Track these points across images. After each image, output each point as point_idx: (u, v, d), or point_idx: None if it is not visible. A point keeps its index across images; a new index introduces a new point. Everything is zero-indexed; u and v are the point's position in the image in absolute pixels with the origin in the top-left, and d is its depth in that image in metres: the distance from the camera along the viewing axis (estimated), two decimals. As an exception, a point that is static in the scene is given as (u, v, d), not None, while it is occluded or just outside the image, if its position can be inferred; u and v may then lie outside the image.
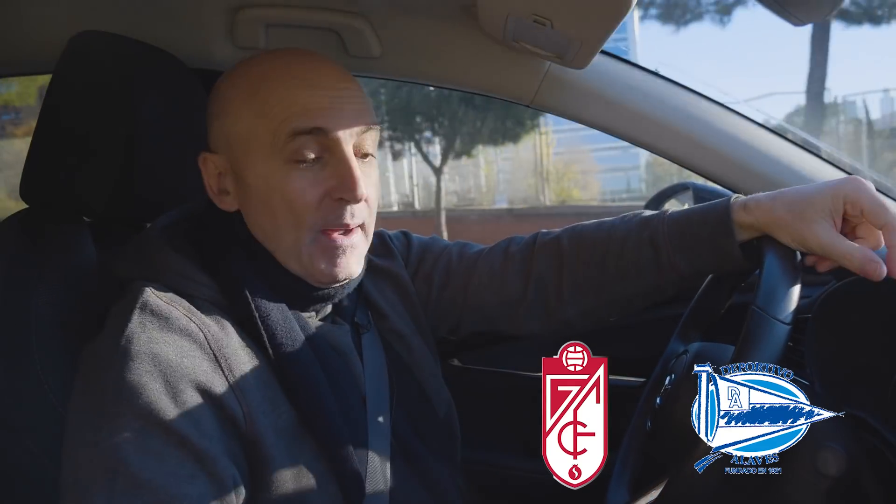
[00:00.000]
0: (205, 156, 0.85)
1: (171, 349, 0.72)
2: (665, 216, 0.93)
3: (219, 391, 0.73)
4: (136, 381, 0.68)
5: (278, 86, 0.80)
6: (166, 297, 0.76)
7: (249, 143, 0.81)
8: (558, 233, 1.03)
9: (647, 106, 1.20)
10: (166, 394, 0.69)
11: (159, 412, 0.68)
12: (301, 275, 0.84)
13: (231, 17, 1.17)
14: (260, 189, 0.81)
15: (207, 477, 0.69)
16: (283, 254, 0.83)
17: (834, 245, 0.79)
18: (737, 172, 1.18)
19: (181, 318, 0.74)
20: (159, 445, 0.67)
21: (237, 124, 0.81)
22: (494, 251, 1.06)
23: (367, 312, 0.99)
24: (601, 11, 0.88)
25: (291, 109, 0.78)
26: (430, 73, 1.32)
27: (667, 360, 1.07)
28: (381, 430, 0.89)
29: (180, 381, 0.70)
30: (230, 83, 0.84)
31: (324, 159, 0.81)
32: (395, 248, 1.07)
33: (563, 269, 0.99)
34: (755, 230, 0.86)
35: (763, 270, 0.80)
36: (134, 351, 0.70)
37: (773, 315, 0.74)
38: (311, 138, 0.79)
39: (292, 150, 0.79)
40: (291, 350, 0.80)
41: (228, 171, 0.84)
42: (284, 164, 0.79)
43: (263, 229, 0.83)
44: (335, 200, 0.81)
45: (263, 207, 0.82)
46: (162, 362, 0.70)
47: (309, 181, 0.80)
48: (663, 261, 0.91)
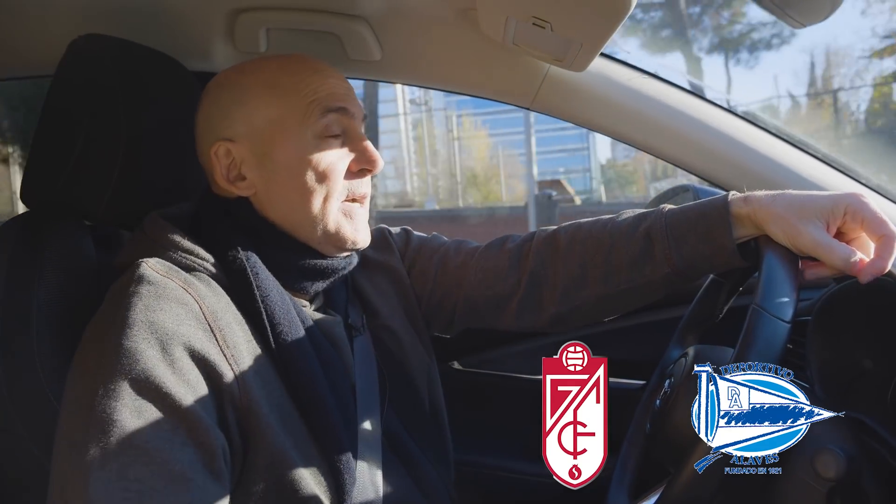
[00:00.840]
0: (219, 144, 0.89)
1: (168, 316, 0.73)
2: (663, 211, 0.93)
3: (213, 359, 0.75)
4: (132, 348, 0.70)
5: (302, 73, 0.90)
6: (163, 270, 0.78)
7: (279, 123, 0.88)
8: (556, 228, 1.04)
9: (647, 108, 1.20)
10: (163, 360, 0.71)
11: (155, 378, 0.69)
12: (321, 243, 0.91)
13: (232, 20, 1.17)
14: (291, 164, 0.88)
15: (198, 446, 0.70)
16: (309, 224, 0.89)
17: (824, 243, 0.80)
18: (736, 174, 1.18)
19: (177, 288, 0.77)
20: (154, 411, 0.69)
21: (263, 108, 0.88)
22: (491, 246, 1.07)
23: (361, 314, 1.01)
24: (600, 14, 0.88)
25: (319, 92, 0.89)
26: (430, 76, 1.32)
27: (665, 363, 1.07)
28: (371, 420, 0.91)
29: (176, 348, 0.72)
30: (247, 74, 0.91)
31: (342, 138, 0.91)
32: (394, 243, 1.11)
33: (557, 264, 0.99)
34: (751, 223, 0.86)
35: (763, 270, 0.80)
36: (131, 318, 0.72)
37: (773, 313, 0.74)
38: (336, 117, 0.90)
39: (322, 127, 0.88)
40: (288, 331, 0.83)
41: (248, 156, 0.89)
42: (315, 139, 0.88)
43: (288, 205, 0.89)
44: (356, 172, 0.91)
45: (293, 182, 0.88)
46: (158, 329, 0.72)
47: (338, 154, 0.90)
48: (658, 254, 0.91)
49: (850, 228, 0.82)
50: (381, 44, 1.22)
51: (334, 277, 0.94)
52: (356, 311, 1.01)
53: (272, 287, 0.85)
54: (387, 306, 1.04)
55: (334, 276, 0.94)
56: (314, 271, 0.91)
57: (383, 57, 1.24)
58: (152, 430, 0.68)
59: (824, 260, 0.80)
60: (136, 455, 0.66)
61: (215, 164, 0.89)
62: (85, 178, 0.96)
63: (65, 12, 1.13)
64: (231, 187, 0.90)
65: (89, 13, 1.12)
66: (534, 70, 1.21)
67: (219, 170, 0.89)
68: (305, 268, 0.90)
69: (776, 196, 0.85)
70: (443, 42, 1.21)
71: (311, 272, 0.91)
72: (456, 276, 1.06)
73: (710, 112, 1.21)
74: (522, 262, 1.03)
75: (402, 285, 1.07)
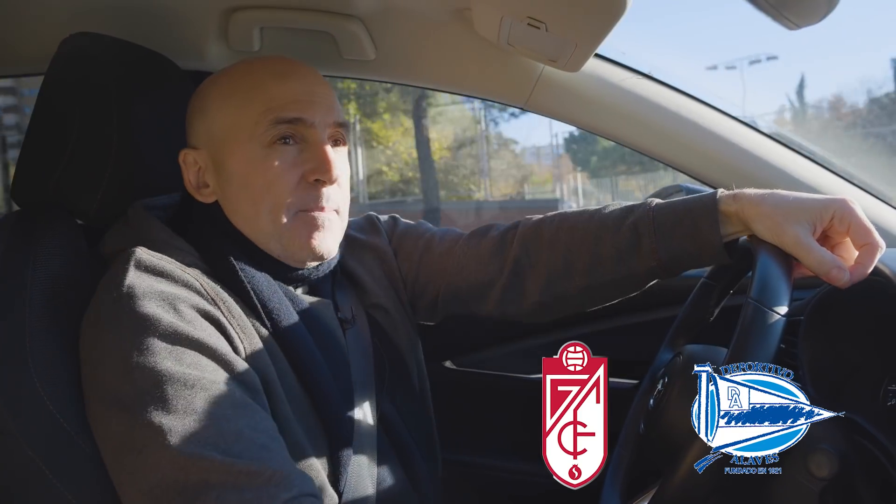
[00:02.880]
0: (185, 152, 0.92)
1: (172, 287, 0.77)
2: (651, 204, 0.93)
3: (224, 325, 0.78)
4: (151, 313, 0.73)
5: (259, 80, 0.88)
6: (158, 256, 0.80)
7: (231, 133, 0.87)
8: (540, 217, 1.04)
9: (641, 109, 1.21)
10: (182, 319, 0.74)
11: (182, 330, 0.73)
12: (281, 256, 0.90)
13: (225, 19, 1.17)
14: (241, 173, 0.87)
15: (241, 384, 0.74)
16: (264, 237, 0.89)
17: (804, 244, 0.80)
18: (728, 174, 1.18)
19: (176, 269, 0.79)
20: (192, 357, 0.72)
21: (219, 118, 0.89)
22: (475, 234, 1.08)
23: (350, 302, 1.01)
24: (595, 14, 0.88)
25: (273, 101, 0.86)
26: (425, 75, 1.32)
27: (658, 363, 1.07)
28: (368, 405, 0.93)
29: (189, 311, 0.76)
30: (211, 83, 0.92)
31: (300, 147, 0.88)
32: (381, 226, 1.12)
33: (542, 253, 1.00)
34: (739, 221, 0.86)
35: (757, 266, 0.80)
36: (139, 291, 0.75)
37: (768, 307, 0.74)
38: (290, 127, 0.87)
39: (270, 137, 0.86)
40: (283, 315, 0.85)
41: (209, 165, 0.90)
42: (264, 148, 0.86)
43: (243, 215, 0.89)
44: (311, 183, 0.87)
45: (244, 192, 0.87)
46: (168, 296, 0.75)
47: (288, 163, 0.87)
48: (644, 247, 0.91)
49: (837, 233, 0.83)
50: (376, 43, 1.22)
51: (303, 284, 0.95)
52: (345, 298, 1.01)
53: (261, 279, 0.86)
54: (378, 285, 1.06)
55: (306, 282, 0.95)
56: (285, 281, 0.91)
57: (377, 57, 1.24)
58: (199, 372, 0.71)
59: (802, 260, 0.81)
60: (194, 392, 0.70)
61: (184, 170, 0.92)
62: (77, 176, 0.95)
63: (57, 10, 1.12)
64: (196, 193, 0.92)
65: (81, 11, 1.11)
66: (528, 70, 1.21)
67: (186, 176, 0.92)
68: (277, 275, 0.90)
69: (765, 195, 0.85)
70: (437, 42, 1.21)
71: (282, 278, 0.91)
72: (440, 263, 1.07)
73: (703, 113, 1.22)
74: (506, 251, 1.03)
75: (389, 266, 1.09)
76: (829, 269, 0.79)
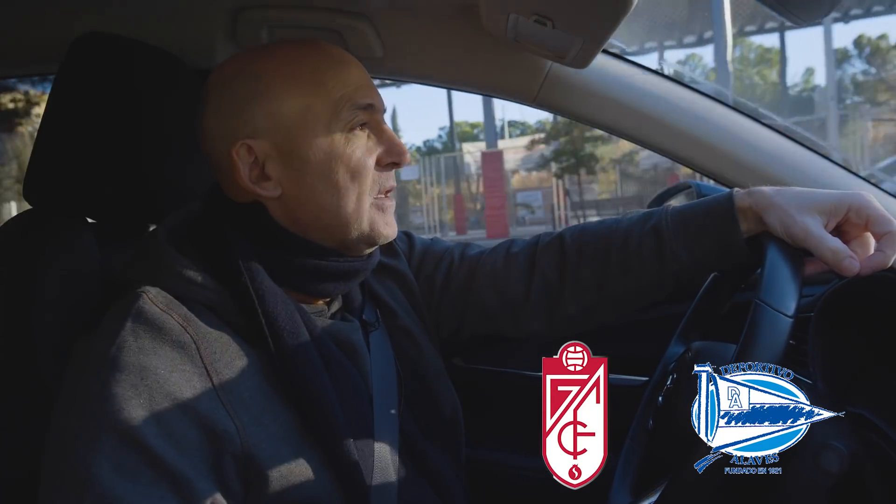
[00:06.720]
0: (242, 143, 0.82)
1: (161, 361, 0.71)
2: (669, 208, 0.93)
3: (208, 408, 0.72)
4: (120, 394, 0.68)
5: (325, 65, 0.85)
6: (163, 304, 0.75)
7: (306, 118, 0.83)
8: (560, 232, 1.03)
9: (650, 105, 1.20)
10: (150, 410, 0.69)
11: (139, 429, 0.67)
12: (353, 243, 0.87)
13: (233, 17, 1.17)
14: (321, 161, 0.83)
15: (181, 500, 0.68)
16: (343, 225, 0.85)
17: (815, 234, 0.79)
18: (740, 172, 1.17)
19: (175, 327, 0.74)
20: (134, 463, 0.67)
21: (287, 101, 0.83)
22: (496, 252, 1.06)
23: (376, 310, 0.99)
24: (602, 11, 0.88)
25: (347, 86, 0.84)
26: (432, 73, 1.32)
27: (668, 359, 1.07)
28: (389, 427, 0.89)
29: (166, 398, 0.70)
30: (263, 64, 0.84)
31: (367, 132, 0.87)
32: (398, 247, 1.08)
33: (565, 267, 0.99)
34: (752, 215, 0.86)
35: (765, 264, 0.80)
36: (123, 361, 0.70)
37: (776, 308, 0.74)
38: (363, 112, 0.85)
39: (352, 123, 0.84)
40: (295, 350, 0.79)
41: (273, 154, 0.83)
42: (344, 134, 0.84)
43: (320, 205, 0.84)
44: (384, 166, 0.88)
45: (324, 181, 0.83)
46: (149, 376, 0.70)
47: (367, 148, 0.85)
48: (666, 251, 0.91)
49: (853, 226, 0.82)
50: (383, 40, 1.22)
51: (357, 278, 0.92)
52: (371, 311, 0.99)
53: (279, 305, 0.80)
54: (401, 308, 1.03)
55: (357, 277, 0.91)
56: (337, 274, 0.87)
57: (385, 54, 1.24)
58: (130, 484, 0.66)
59: (813, 250, 0.80)
60: None
61: (238, 166, 0.82)
62: (87, 175, 0.96)
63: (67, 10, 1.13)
64: (256, 189, 0.83)
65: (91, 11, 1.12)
66: (536, 67, 1.20)
67: (241, 171, 0.82)
68: (328, 271, 0.86)
69: (780, 189, 0.85)
70: (444, 39, 1.21)
71: (333, 275, 0.87)
72: (463, 284, 1.05)
73: (714, 109, 1.20)
74: (530, 268, 1.02)
75: (411, 289, 1.05)
76: (842, 258, 0.78)
